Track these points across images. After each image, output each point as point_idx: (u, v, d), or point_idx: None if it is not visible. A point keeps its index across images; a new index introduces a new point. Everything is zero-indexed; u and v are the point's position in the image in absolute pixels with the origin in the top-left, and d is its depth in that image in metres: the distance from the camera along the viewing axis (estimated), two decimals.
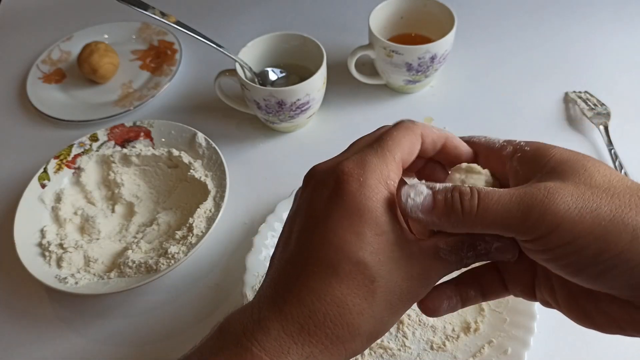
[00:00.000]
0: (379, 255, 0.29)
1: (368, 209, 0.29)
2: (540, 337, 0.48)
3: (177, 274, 0.58)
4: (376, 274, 0.29)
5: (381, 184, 0.30)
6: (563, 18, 0.82)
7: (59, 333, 0.56)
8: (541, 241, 0.27)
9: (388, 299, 0.29)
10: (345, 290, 0.29)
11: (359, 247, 0.29)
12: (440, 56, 0.67)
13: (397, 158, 0.31)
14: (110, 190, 0.65)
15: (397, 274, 0.29)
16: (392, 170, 0.31)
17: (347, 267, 0.29)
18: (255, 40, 0.69)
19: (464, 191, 0.28)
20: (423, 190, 0.29)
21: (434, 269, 0.30)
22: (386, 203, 0.30)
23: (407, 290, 0.30)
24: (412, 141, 0.32)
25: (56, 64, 0.85)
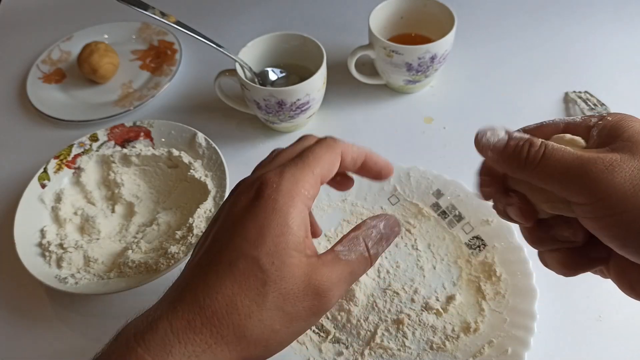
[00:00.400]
0: (274, 258, 0.29)
1: (275, 211, 0.30)
2: (540, 337, 0.48)
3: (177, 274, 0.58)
4: (268, 277, 0.29)
5: (295, 191, 0.31)
6: (563, 18, 0.82)
7: (59, 333, 0.56)
8: (590, 207, 0.28)
9: (281, 305, 0.29)
10: (237, 290, 0.29)
11: (256, 245, 0.29)
12: (440, 56, 0.67)
13: (315, 172, 0.32)
14: (110, 190, 0.65)
15: (292, 281, 0.29)
16: (309, 182, 0.32)
17: (241, 266, 0.29)
18: (255, 40, 0.69)
19: (534, 142, 0.30)
20: (500, 133, 0.31)
21: (338, 273, 0.31)
22: (296, 209, 0.30)
23: (306, 303, 0.30)
24: (332, 158, 0.34)
25: (56, 64, 0.85)
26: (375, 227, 0.34)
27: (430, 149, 0.67)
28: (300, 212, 0.31)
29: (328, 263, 0.31)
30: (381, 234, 0.34)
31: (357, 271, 0.32)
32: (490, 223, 0.56)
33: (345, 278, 0.32)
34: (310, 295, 0.30)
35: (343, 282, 0.31)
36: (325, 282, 0.30)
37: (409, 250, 0.56)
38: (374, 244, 0.33)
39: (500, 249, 0.54)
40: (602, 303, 0.52)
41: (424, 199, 0.59)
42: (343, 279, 0.31)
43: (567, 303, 0.52)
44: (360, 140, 0.69)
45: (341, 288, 0.31)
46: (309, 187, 0.32)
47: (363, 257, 0.33)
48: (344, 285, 0.32)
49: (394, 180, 0.61)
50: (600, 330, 0.50)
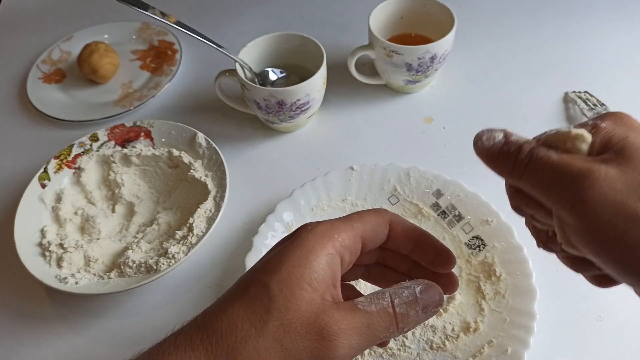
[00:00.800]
0: (283, 286, 0.28)
1: (301, 246, 0.30)
2: (540, 337, 0.48)
3: (177, 274, 0.58)
4: (273, 304, 0.28)
5: (327, 235, 0.30)
6: (563, 18, 0.82)
7: (59, 333, 0.56)
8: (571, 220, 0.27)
9: (280, 339, 0.28)
10: (241, 312, 0.28)
11: (271, 273, 0.29)
12: (440, 56, 0.67)
13: (355, 226, 0.32)
14: (111, 190, 0.65)
15: (297, 315, 0.28)
16: (345, 232, 0.31)
17: (252, 290, 0.29)
18: (255, 41, 0.69)
19: (523, 148, 0.29)
20: (497, 136, 0.31)
21: (351, 321, 0.28)
22: (323, 249, 0.30)
23: (308, 343, 0.28)
24: (377, 220, 0.33)
25: (56, 64, 0.85)
26: (409, 288, 0.30)
27: (430, 149, 0.67)
28: (327, 253, 0.30)
29: (342, 308, 0.29)
30: (415, 297, 0.30)
31: (376, 325, 0.29)
32: (490, 223, 0.56)
33: (360, 330, 0.28)
34: (313, 335, 0.28)
35: (356, 333, 0.28)
36: (332, 325, 0.28)
37: None
38: (402, 303, 0.29)
39: (500, 249, 0.54)
40: (602, 303, 0.52)
41: (424, 198, 0.59)
42: (356, 330, 0.28)
43: (567, 303, 0.52)
44: (360, 140, 0.70)
45: (352, 339, 0.28)
46: (345, 237, 0.31)
47: (385, 311, 0.29)
48: (357, 338, 0.28)
49: (394, 180, 0.61)
50: (600, 330, 0.50)
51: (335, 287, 0.31)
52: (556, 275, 0.54)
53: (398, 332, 0.30)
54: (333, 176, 0.61)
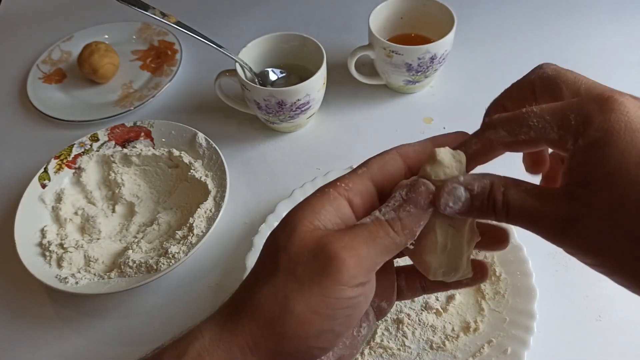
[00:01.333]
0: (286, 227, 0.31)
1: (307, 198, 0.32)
2: (540, 337, 0.48)
3: (177, 274, 0.58)
4: (279, 244, 0.30)
5: (329, 185, 0.32)
6: (562, 18, 0.82)
7: (59, 333, 0.56)
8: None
9: (292, 269, 0.29)
10: (258, 265, 0.31)
11: (277, 227, 0.32)
12: (440, 56, 0.67)
13: (359, 172, 0.33)
14: (111, 190, 0.66)
15: (301, 245, 0.30)
16: (349, 178, 0.32)
17: (264, 248, 0.32)
18: (255, 41, 0.69)
19: (497, 201, 0.29)
20: (461, 196, 0.30)
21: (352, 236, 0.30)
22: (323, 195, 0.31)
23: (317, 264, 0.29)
24: (381, 160, 0.33)
25: (56, 64, 0.85)
26: (394, 197, 0.31)
27: None
28: (329, 200, 0.31)
29: (343, 229, 0.30)
30: (402, 201, 0.31)
31: (376, 234, 0.30)
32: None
33: (363, 239, 0.29)
34: (320, 256, 0.29)
35: (360, 243, 0.29)
36: (335, 242, 0.29)
37: None
38: (389, 210, 0.30)
39: None
40: (602, 303, 0.52)
41: None
42: (359, 240, 0.29)
43: (567, 303, 0.52)
44: (360, 140, 0.70)
45: (359, 250, 0.29)
46: (347, 181, 0.32)
47: (378, 220, 0.30)
48: (363, 248, 0.29)
49: None
50: (600, 330, 0.50)
51: (350, 223, 0.32)
52: (556, 275, 0.54)
53: (400, 235, 0.30)
54: (333, 176, 0.61)
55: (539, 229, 0.28)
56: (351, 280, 0.29)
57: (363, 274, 0.29)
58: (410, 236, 0.31)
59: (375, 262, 0.30)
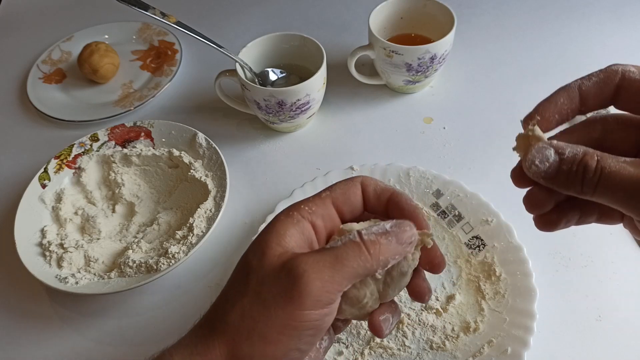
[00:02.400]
0: (256, 251, 0.32)
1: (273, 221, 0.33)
2: (540, 337, 0.48)
3: (177, 274, 0.58)
4: (250, 267, 0.31)
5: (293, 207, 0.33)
6: (562, 18, 0.82)
7: (59, 333, 0.56)
8: None
9: (259, 291, 0.30)
10: (229, 286, 0.33)
11: (248, 249, 0.33)
12: (440, 56, 0.67)
13: (323, 195, 0.34)
14: (111, 190, 0.66)
15: (270, 267, 0.30)
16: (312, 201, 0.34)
17: (238, 265, 0.33)
18: (255, 41, 0.69)
19: (589, 166, 0.28)
20: (550, 157, 0.29)
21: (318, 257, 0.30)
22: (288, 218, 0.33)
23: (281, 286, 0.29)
24: (346, 186, 0.35)
25: (56, 64, 0.85)
26: (378, 225, 0.31)
27: (430, 149, 0.67)
28: (293, 222, 0.32)
29: (311, 252, 0.30)
30: (385, 231, 0.30)
31: (344, 256, 0.29)
32: (490, 223, 0.56)
33: (328, 262, 0.29)
34: (284, 278, 0.29)
35: (324, 266, 0.29)
36: (299, 264, 0.29)
37: None
38: (371, 233, 0.30)
39: (499, 248, 0.54)
40: (602, 303, 0.52)
41: (424, 198, 0.59)
42: (324, 263, 0.29)
43: (567, 303, 0.52)
44: (360, 140, 0.70)
45: (322, 272, 0.29)
46: (311, 204, 0.33)
47: (352, 242, 0.30)
48: (327, 271, 0.29)
49: (394, 180, 0.61)
50: (600, 330, 0.50)
51: (311, 247, 0.33)
52: (556, 275, 0.54)
53: (373, 260, 0.30)
54: (333, 176, 0.61)
55: (630, 204, 0.27)
56: (314, 305, 0.29)
57: (326, 297, 0.29)
58: (382, 265, 0.31)
59: (340, 285, 0.30)
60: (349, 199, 0.34)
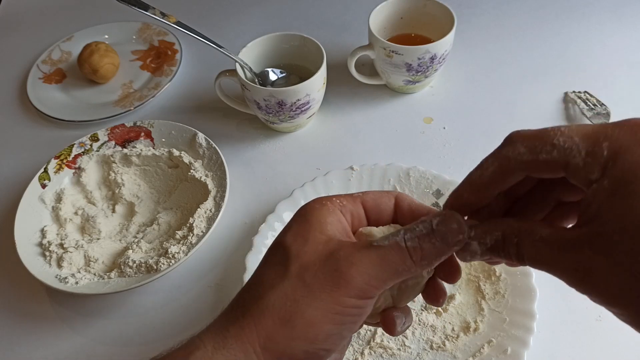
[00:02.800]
0: (297, 237, 0.31)
1: (306, 211, 0.33)
2: (540, 337, 0.48)
3: (177, 274, 0.58)
4: (290, 252, 0.31)
5: (328, 200, 0.33)
6: (562, 18, 0.82)
7: (59, 333, 0.56)
8: None
9: (302, 274, 0.30)
10: (265, 269, 0.32)
11: (284, 233, 0.32)
12: (440, 56, 0.67)
13: (355, 196, 0.34)
14: (111, 190, 0.66)
15: (314, 255, 0.30)
16: (345, 198, 0.34)
17: (271, 250, 0.32)
18: (255, 41, 0.69)
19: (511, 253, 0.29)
20: (477, 250, 0.30)
21: (365, 255, 0.30)
22: (324, 208, 0.32)
23: (327, 275, 0.29)
24: (380, 194, 0.35)
25: (56, 64, 0.85)
26: (424, 222, 0.31)
27: (430, 149, 0.67)
28: (329, 212, 0.32)
29: (358, 245, 0.31)
30: (431, 229, 0.30)
31: (390, 258, 0.30)
32: None
33: (375, 261, 0.30)
34: (331, 267, 0.30)
35: (371, 263, 0.30)
36: (347, 257, 0.30)
37: None
38: (414, 237, 0.30)
39: None
40: None
41: (424, 198, 0.59)
42: (371, 261, 0.30)
43: (566, 303, 0.52)
44: (360, 140, 0.70)
45: (368, 268, 0.29)
46: (343, 199, 0.33)
47: (397, 245, 0.30)
48: (373, 268, 0.29)
49: (394, 180, 0.61)
50: (600, 330, 0.50)
51: (349, 237, 0.33)
52: None
53: (417, 265, 0.30)
54: (333, 176, 0.61)
55: (558, 276, 0.29)
56: (359, 294, 0.29)
57: (371, 291, 0.30)
58: (426, 267, 0.31)
59: (385, 282, 0.30)
60: (378, 206, 0.34)
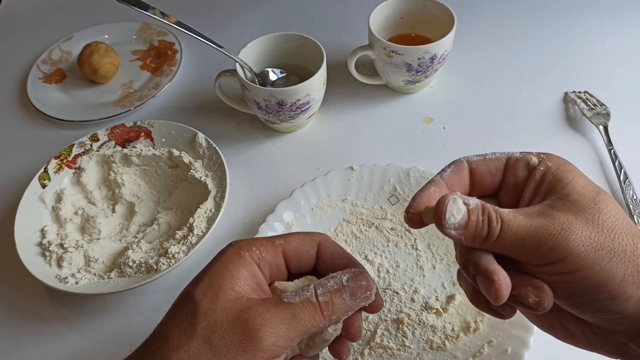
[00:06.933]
0: (207, 292, 0.30)
1: (220, 259, 0.32)
2: (540, 337, 0.48)
3: (177, 274, 0.58)
4: (198, 308, 0.30)
5: (247, 248, 0.33)
6: (562, 18, 0.82)
7: (59, 333, 0.56)
8: (547, 268, 0.30)
9: (209, 337, 0.29)
10: (171, 324, 0.30)
11: (194, 283, 0.31)
12: (440, 56, 0.67)
13: (277, 243, 0.34)
14: (111, 190, 0.66)
15: (222, 314, 0.29)
16: (265, 247, 0.33)
17: (179, 302, 0.31)
18: (255, 41, 0.69)
19: (492, 217, 0.31)
20: (461, 208, 0.31)
21: (275, 313, 0.30)
22: (241, 259, 0.32)
23: (234, 337, 0.29)
24: (302, 240, 0.35)
25: (56, 64, 0.85)
26: (334, 278, 0.32)
27: (430, 149, 0.67)
28: (245, 264, 0.32)
29: (268, 303, 0.30)
30: (341, 285, 0.31)
31: (300, 314, 0.30)
32: None
33: (285, 319, 0.30)
34: (239, 329, 0.29)
35: (281, 322, 0.30)
36: (256, 317, 0.29)
37: (408, 250, 0.56)
38: (326, 292, 0.31)
39: None
40: None
41: None
42: (281, 319, 0.30)
43: None
44: (360, 140, 0.70)
45: (278, 328, 0.29)
46: (263, 250, 0.33)
47: (308, 301, 0.31)
48: (283, 327, 0.30)
49: (394, 180, 0.61)
50: None
51: (263, 291, 0.33)
52: None
53: (326, 320, 0.31)
54: (333, 176, 0.61)
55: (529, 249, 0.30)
56: (267, 356, 0.29)
57: (278, 350, 0.30)
58: (334, 321, 0.32)
59: (292, 340, 0.30)
60: (300, 255, 0.34)
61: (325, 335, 0.34)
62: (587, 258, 0.29)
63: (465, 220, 0.31)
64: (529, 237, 0.30)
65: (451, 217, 0.31)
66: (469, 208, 0.31)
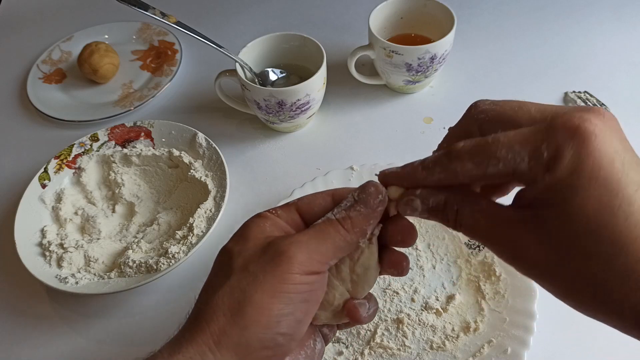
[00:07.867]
0: (238, 238, 0.33)
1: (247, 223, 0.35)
2: (540, 337, 0.48)
3: (177, 274, 0.58)
4: (232, 252, 0.33)
5: (261, 213, 0.35)
6: (563, 18, 0.82)
7: (59, 333, 0.56)
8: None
9: (245, 266, 0.31)
10: (212, 275, 0.33)
11: (227, 241, 0.34)
12: (440, 56, 0.67)
13: (290, 203, 0.35)
14: (111, 190, 0.66)
15: (253, 245, 0.32)
16: (282, 208, 0.35)
17: (218, 258, 0.34)
18: (255, 41, 0.69)
19: (450, 219, 0.32)
20: (417, 208, 0.32)
21: (301, 235, 0.32)
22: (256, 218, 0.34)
23: (267, 258, 0.31)
24: (314, 195, 0.36)
25: (56, 64, 0.85)
26: (347, 198, 0.34)
27: (430, 149, 0.66)
28: (266, 219, 0.34)
29: (294, 234, 0.33)
30: (353, 201, 0.33)
31: (325, 231, 0.32)
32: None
33: (312, 235, 0.32)
34: (271, 251, 0.31)
35: (310, 238, 0.32)
36: (285, 239, 0.31)
37: (408, 250, 0.56)
38: (341, 210, 0.33)
39: None
40: None
41: None
42: (309, 237, 0.32)
43: None
44: (360, 140, 0.70)
45: (308, 244, 0.31)
46: (277, 209, 0.35)
47: (328, 220, 0.33)
48: (312, 242, 0.31)
49: None
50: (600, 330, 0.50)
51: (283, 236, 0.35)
52: None
53: (350, 233, 0.32)
54: (333, 176, 0.61)
55: (489, 247, 0.30)
56: (302, 268, 0.31)
57: (314, 264, 0.31)
58: (361, 234, 0.33)
59: (326, 256, 0.32)
60: (312, 209, 0.35)
61: (363, 262, 0.34)
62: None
63: (425, 214, 0.32)
64: (488, 247, 0.31)
65: (407, 211, 0.32)
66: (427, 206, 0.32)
